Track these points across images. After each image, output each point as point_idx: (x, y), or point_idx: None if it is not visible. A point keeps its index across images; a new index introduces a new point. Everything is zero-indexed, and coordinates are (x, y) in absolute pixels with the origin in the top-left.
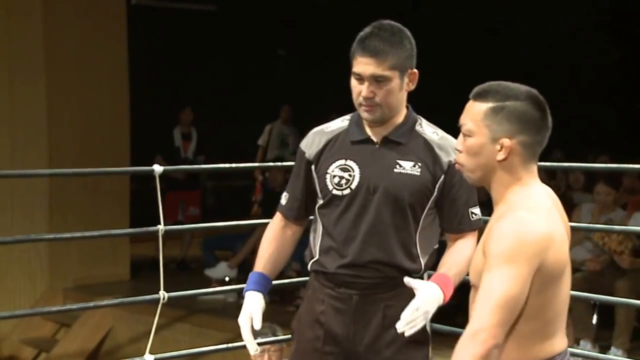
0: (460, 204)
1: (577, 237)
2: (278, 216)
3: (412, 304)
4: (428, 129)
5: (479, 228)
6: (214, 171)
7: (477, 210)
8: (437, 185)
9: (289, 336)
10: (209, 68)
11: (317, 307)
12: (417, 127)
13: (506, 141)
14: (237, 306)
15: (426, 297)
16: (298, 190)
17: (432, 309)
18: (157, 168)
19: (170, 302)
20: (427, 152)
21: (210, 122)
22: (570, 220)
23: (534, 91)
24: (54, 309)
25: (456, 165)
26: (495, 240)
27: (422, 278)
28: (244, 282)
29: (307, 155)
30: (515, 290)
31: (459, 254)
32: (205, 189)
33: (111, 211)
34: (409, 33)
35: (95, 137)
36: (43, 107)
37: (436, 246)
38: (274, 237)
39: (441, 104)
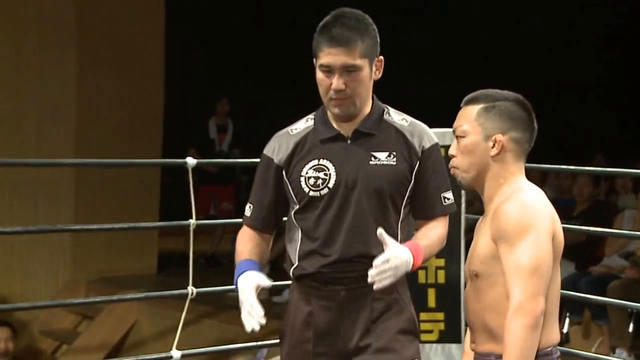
0: (433, 189)
1: (618, 244)
2: (245, 229)
3: (383, 256)
4: (396, 117)
5: (451, 213)
6: (250, 165)
7: (449, 195)
8: (414, 173)
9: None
10: (248, 56)
11: (304, 308)
12: (386, 116)
13: (499, 136)
14: (267, 303)
15: (397, 253)
16: (266, 199)
17: (402, 268)
18: (190, 161)
19: (198, 298)
20: (399, 141)
21: (247, 114)
22: (612, 227)
23: (520, 95)
24: (77, 301)
25: (451, 170)
26: (507, 218)
27: None
28: (276, 280)
29: (276, 161)
30: (542, 254)
31: (430, 231)
32: (240, 183)
33: (139, 203)
34: (370, 19)
35: (125, 126)
36: (72, 92)
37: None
38: (249, 237)
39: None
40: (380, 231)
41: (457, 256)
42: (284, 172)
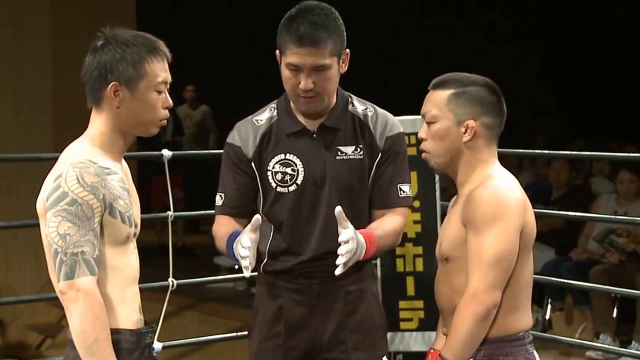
0: (388, 177)
1: (597, 228)
2: (219, 217)
3: (343, 240)
4: (360, 107)
5: (408, 206)
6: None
7: (406, 187)
8: (375, 164)
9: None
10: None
11: (275, 301)
12: (350, 107)
13: (471, 122)
14: (246, 295)
15: (354, 235)
16: (238, 188)
17: (359, 253)
18: (166, 153)
19: (178, 290)
20: (363, 132)
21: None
22: (589, 211)
23: (489, 79)
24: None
25: (423, 154)
26: (478, 205)
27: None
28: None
29: (244, 151)
30: (507, 247)
31: (385, 223)
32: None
33: None
34: (337, 12)
35: None
36: (49, 85)
37: None
38: (226, 222)
39: None
40: (339, 209)
41: (434, 243)
42: (252, 164)
